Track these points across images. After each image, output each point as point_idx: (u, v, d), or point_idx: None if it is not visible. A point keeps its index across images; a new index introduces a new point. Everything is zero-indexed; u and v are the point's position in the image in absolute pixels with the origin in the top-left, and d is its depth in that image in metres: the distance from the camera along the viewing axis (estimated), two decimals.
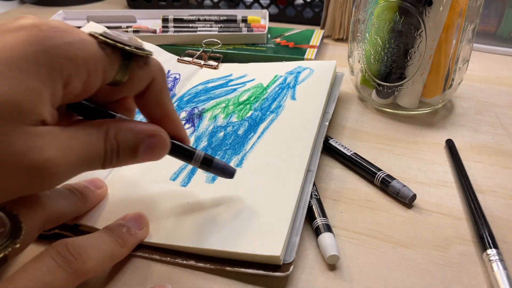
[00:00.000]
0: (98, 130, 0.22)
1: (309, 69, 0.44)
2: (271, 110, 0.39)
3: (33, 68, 0.19)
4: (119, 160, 0.23)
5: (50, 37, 0.19)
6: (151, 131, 0.24)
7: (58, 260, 0.21)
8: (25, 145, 0.18)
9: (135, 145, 0.23)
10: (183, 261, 0.26)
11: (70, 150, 0.20)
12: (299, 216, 0.28)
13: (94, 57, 0.21)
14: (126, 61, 0.22)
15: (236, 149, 0.34)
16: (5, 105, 0.18)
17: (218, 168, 0.28)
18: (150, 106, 0.25)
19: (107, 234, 0.25)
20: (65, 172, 0.20)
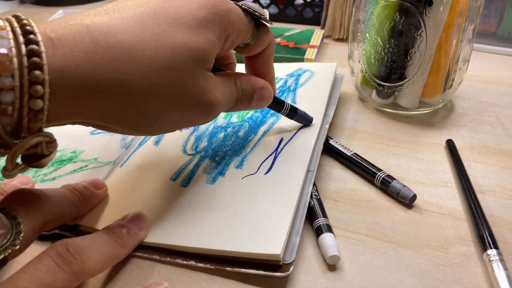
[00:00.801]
0: (230, 79, 0.28)
1: (309, 72, 0.44)
2: (272, 113, 0.39)
3: (211, 26, 0.24)
4: (241, 105, 0.29)
5: (218, 3, 0.25)
6: (262, 84, 0.30)
7: (58, 261, 0.21)
8: (206, 85, 0.25)
9: (252, 94, 0.30)
10: (183, 261, 0.26)
11: (224, 93, 0.27)
12: (299, 216, 0.28)
13: (243, 22, 0.26)
14: (257, 27, 0.28)
15: (236, 151, 0.34)
16: (197, 52, 0.23)
17: (301, 115, 0.35)
18: (259, 64, 0.31)
19: (107, 235, 0.25)
20: (222, 109, 0.27)
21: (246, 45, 0.29)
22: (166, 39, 0.22)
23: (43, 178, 0.34)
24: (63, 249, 0.21)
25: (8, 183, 0.29)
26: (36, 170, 0.34)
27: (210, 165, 0.33)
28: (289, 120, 0.36)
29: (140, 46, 0.21)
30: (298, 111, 0.35)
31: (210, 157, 0.34)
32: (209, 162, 0.33)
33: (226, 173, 0.32)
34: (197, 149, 0.35)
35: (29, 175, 0.34)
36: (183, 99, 0.24)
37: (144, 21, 0.22)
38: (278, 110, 0.34)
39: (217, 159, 0.34)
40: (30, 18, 0.20)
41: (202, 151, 0.35)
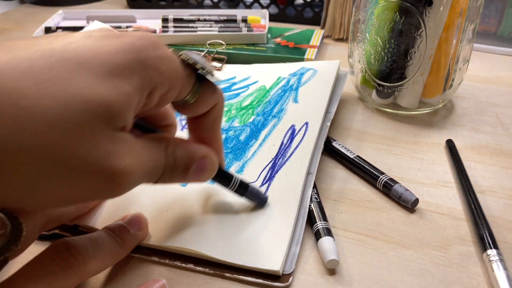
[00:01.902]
0: (161, 144, 0.23)
1: (312, 70, 0.44)
2: (273, 115, 0.38)
3: (128, 75, 0.19)
4: (172, 177, 0.23)
5: (145, 48, 0.20)
6: (203, 153, 0.25)
7: (58, 260, 0.21)
8: (110, 149, 0.19)
9: (188, 164, 0.24)
10: (181, 264, 0.26)
11: (142, 160, 0.21)
12: (299, 225, 0.28)
13: (176, 74, 0.21)
14: (199, 83, 0.23)
15: (238, 155, 0.34)
16: (100, 106, 0.18)
17: (253, 192, 0.29)
18: (203, 128, 0.26)
19: (107, 235, 0.25)
20: (135, 182, 0.20)
21: (185, 103, 0.24)
22: (54, 87, 0.17)
23: None
24: (63, 249, 0.21)
25: None
26: None
27: None
28: (288, 117, 0.36)
29: (13, 94, 0.16)
30: (250, 189, 0.28)
31: None
32: None
33: None
34: None
35: None
36: (71, 166, 0.18)
37: (31, 63, 0.17)
38: (224, 185, 0.28)
39: None
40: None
41: None
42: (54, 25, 0.61)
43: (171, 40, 0.55)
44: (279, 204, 0.29)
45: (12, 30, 0.68)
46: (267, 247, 0.26)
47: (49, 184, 0.18)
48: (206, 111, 0.25)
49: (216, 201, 0.30)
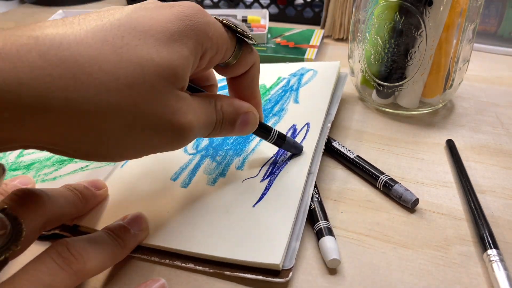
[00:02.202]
0: (210, 101, 0.25)
1: (312, 71, 0.44)
2: (274, 113, 0.39)
3: (185, 40, 0.22)
4: (222, 129, 0.26)
5: (195, 15, 0.22)
6: (246, 108, 0.27)
7: (58, 260, 0.21)
8: (176, 106, 0.22)
9: (234, 118, 0.27)
10: (181, 264, 0.26)
11: (199, 116, 0.23)
12: (300, 221, 0.28)
13: (222, 37, 0.24)
14: (239, 46, 0.26)
15: (238, 150, 0.34)
16: (167, 68, 0.21)
17: (290, 143, 0.32)
18: (243, 87, 0.28)
19: (107, 235, 0.25)
20: (196, 134, 0.24)
21: (227, 65, 0.26)
22: (129, 53, 0.20)
23: (44, 178, 0.34)
24: (64, 249, 0.21)
25: (9, 183, 0.29)
26: (37, 169, 0.34)
27: (211, 165, 0.33)
28: (289, 117, 0.36)
29: (97, 60, 0.19)
30: (287, 139, 0.32)
31: (211, 156, 0.34)
32: (210, 161, 0.33)
33: (226, 174, 0.32)
34: (198, 148, 0.35)
35: (29, 175, 0.34)
36: (147, 121, 0.21)
37: (105, 33, 0.20)
38: (264, 137, 0.31)
39: (218, 158, 0.34)
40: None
41: (203, 150, 0.35)
42: None
43: None
44: (279, 201, 0.29)
45: None
46: (267, 242, 0.26)
47: (130, 137, 0.21)
48: (245, 71, 0.27)
49: (216, 201, 0.30)
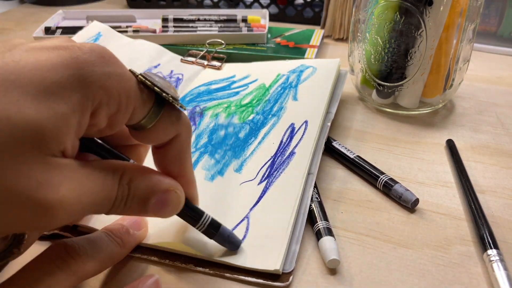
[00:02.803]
0: (114, 172, 0.20)
1: (312, 68, 0.44)
2: (273, 113, 0.38)
3: (65, 94, 0.17)
4: (127, 207, 0.21)
5: (90, 63, 0.18)
6: (166, 186, 0.22)
7: (57, 261, 0.21)
8: (41, 178, 0.17)
9: (147, 197, 0.21)
10: (181, 264, 0.26)
11: (85, 191, 0.18)
12: (299, 224, 0.28)
13: (128, 93, 0.19)
14: (158, 108, 0.21)
15: (236, 152, 0.34)
16: (28, 130, 0.16)
17: (224, 235, 0.26)
18: (168, 161, 0.23)
19: (106, 235, 0.25)
20: (74, 214, 0.18)
21: (141, 128, 0.21)
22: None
23: None
24: (62, 250, 0.21)
25: None
26: None
27: (209, 162, 0.33)
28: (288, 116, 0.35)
29: None
30: (221, 230, 0.25)
31: (210, 153, 0.34)
32: (208, 158, 0.33)
33: (225, 174, 0.32)
34: (197, 146, 0.35)
35: None
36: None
37: None
38: (191, 223, 0.25)
39: (216, 156, 0.34)
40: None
41: (202, 147, 0.35)
42: (54, 25, 0.61)
43: (171, 40, 0.55)
44: (277, 205, 0.29)
45: (12, 30, 0.68)
46: (266, 246, 0.26)
47: None
48: (167, 140, 0.22)
49: (214, 201, 0.30)
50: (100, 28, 0.52)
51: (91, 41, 0.50)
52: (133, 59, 0.47)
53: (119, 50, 0.49)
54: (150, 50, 0.49)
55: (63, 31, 0.57)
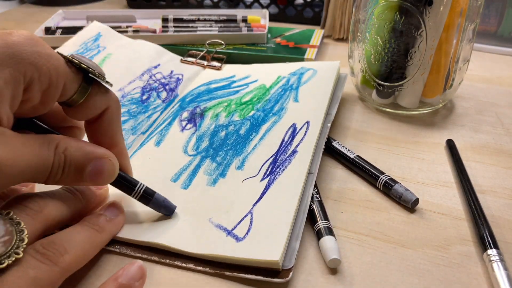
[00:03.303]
0: (49, 143, 0.22)
1: (312, 70, 0.44)
2: (274, 112, 0.38)
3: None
4: (64, 176, 0.23)
5: (20, 43, 0.20)
6: (101, 154, 0.24)
7: (37, 256, 0.21)
8: None
9: (82, 164, 0.23)
10: (182, 264, 0.26)
11: (20, 155, 0.20)
12: (300, 221, 0.28)
13: (57, 69, 0.21)
14: (86, 84, 0.23)
15: (238, 150, 0.34)
16: None
17: (159, 201, 0.28)
18: (100, 134, 0.26)
19: (81, 225, 0.25)
20: (12, 176, 0.20)
21: (73, 104, 0.24)
22: None
23: None
24: (39, 247, 0.21)
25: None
26: None
27: (211, 166, 0.33)
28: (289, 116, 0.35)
29: None
30: (155, 197, 0.27)
31: (211, 157, 0.34)
32: (210, 162, 0.33)
33: (227, 174, 0.32)
34: (198, 149, 0.35)
35: None
36: None
37: None
38: (126, 191, 0.27)
39: (218, 159, 0.34)
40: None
41: (203, 151, 0.35)
42: (54, 25, 0.61)
43: (171, 40, 0.55)
44: (279, 200, 0.29)
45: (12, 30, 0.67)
46: (266, 239, 0.26)
47: None
48: (97, 114, 0.25)
49: (216, 201, 0.30)
50: (100, 28, 0.52)
51: (91, 41, 0.50)
52: (133, 59, 0.47)
53: (119, 50, 0.49)
54: (150, 51, 0.49)
55: (63, 31, 0.57)
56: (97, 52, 0.48)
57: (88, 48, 0.49)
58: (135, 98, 0.42)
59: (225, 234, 0.27)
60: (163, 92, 0.43)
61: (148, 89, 0.43)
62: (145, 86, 0.44)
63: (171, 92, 0.44)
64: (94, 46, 0.49)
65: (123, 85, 0.44)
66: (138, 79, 0.45)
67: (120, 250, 0.27)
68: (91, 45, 0.49)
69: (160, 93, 0.43)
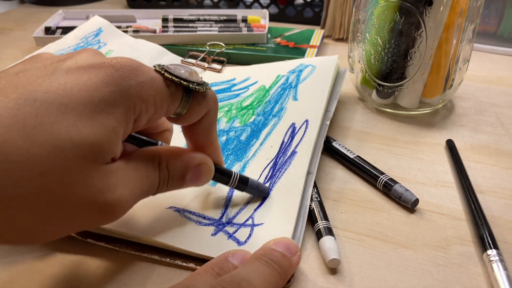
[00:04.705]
0: (153, 161, 0.23)
1: (311, 66, 0.44)
2: (273, 114, 0.38)
3: (112, 110, 0.20)
4: (168, 186, 0.24)
5: (125, 77, 0.20)
6: (198, 160, 0.25)
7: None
8: (101, 184, 0.19)
9: (183, 173, 0.25)
10: (182, 263, 0.26)
11: (134, 185, 0.22)
12: (300, 224, 0.28)
13: (161, 95, 0.22)
14: (187, 96, 0.23)
15: (239, 155, 0.34)
16: (88, 147, 0.19)
17: (253, 186, 0.29)
18: (198, 134, 0.26)
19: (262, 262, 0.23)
20: (130, 205, 0.22)
21: (177, 116, 0.24)
22: (42, 135, 0.18)
23: None
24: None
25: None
26: None
27: None
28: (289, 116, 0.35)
29: (5, 148, 0.17)
30: (250, 182, 0.29)
31: None
32: None
33: None
34: None
35: None
36: (67, 205, 0.19)
37: (17, 110, 0.17)
38: (224, 182, 0.29)
39: None
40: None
41: None
42: (54, 25, 0.61)
43: (171, 40, 0.55)
44: (279, 203, 0.29)
45: (12, 30, 0.68)
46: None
47: (51, 223, 0.19)
48: (200, 118, 0.25)
49: (217, 204, 0.30)
50: (102, 24, 0.52)
51: (92, 36, 0.50)
52: (134, 57, 0.47)
53: (120, 48, 0.49)
54: (151, 50, 0.49)
55: (63, 31, 0.57)
56: (98, 47, 0.48)
57: (89, 42, 0.49)
58: None
59: (226, 237, 0.27)
60: None
61: None
62: None
63: None
64: (95, 41, 0.49)
65: None
66: None
67: (120, 249, 0.27)
68: (92, 39, 0.49)
69: None
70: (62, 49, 0.47)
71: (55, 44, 0.48)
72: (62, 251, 0.27)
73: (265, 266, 0.23)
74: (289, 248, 0.24)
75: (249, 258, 0.24)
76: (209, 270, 0.23)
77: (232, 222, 0.28)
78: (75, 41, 0.49)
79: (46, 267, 0.26)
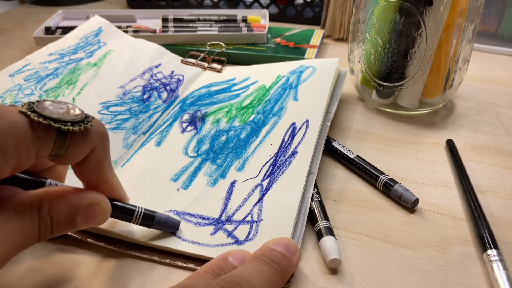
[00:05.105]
0: (31, 209, 0.21)
1: (311, 68, 0.44)
2: (273, 113, 0.38)
3: None
4: (54, 232, 0.22)
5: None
6: (88, 201, 0.23)
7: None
8: None
9: (71, 216, 0.22)
10: (182, 264, 0.26)
11: (5, 241, 0.19)
12: (300, 223, 0.28)
13: (25, 141, 0.19)
14: (63, 137, 0.21)
15: (238, 153, 0.34)
16: None
17: (161, 221, 0.27)
18: (88, 173, 0.24)
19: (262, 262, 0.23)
20: (2, 263, 0.19)
21: (54, 157, 0.21)
22: None
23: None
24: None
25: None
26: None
27: (211, 168, 0.33)
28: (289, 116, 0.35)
29: None
30: (156, 218, 0.26)
31: (212, 160, 0.34)
32: (210, 165, 0.33)
33: (227, 175, 0.32)
34: (198, 151, 0.35)
35: None
36: None
37: None
38: (127, 220, 0.26)
39: (218, 161, 0.34)
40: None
41: (204, 154, 0.35)
42: (54, 25, 0.61)
43: (171, 40, 0.55)
44: (280, 202, 0.29)
45: (12, 30, 0.68)
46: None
47: None
48: (83, 157, 0.22)
49: (216, 202, 0.30)
50: (102, 23, 0.52)
51: (92, 35, 0.50)
52: (134, 57, 0.47)
53: (120, 48, 0.49)
54: (151, 50, 0.49)
55: (63, 31, 0.57)
56: (98, 47, 0.48)
57: (89, 42, 0.49)
58: (136, 97, 0.42)
59: (226, 235, 0.27)
60: (164, 92, 0.43)
61: (149, 88, 0.43)
62: (146, 85, 0.44)
63: (172, 92, 0.44)
64: (95, 41, 0.49)
65: (124, 83, 0.44)
66: (139, 78, 0.45)
67: (120, 249, 0.27)
68: (92, 39, 0.49)
69: (161, 93, 0.43)
70: (62, 49, 0.47)
71: (55, 44, 0.48)
72: (62, 251, 0.27)
73: (265, 266, 0.23)
74: (289, 248, 0.24)
75: (249, 258, 0.24)
76: (209, 271, 0.23)
77: (232, 219, 0.28)
78: (75, 41, 0.49)
79: (46, 267, 0.26)
